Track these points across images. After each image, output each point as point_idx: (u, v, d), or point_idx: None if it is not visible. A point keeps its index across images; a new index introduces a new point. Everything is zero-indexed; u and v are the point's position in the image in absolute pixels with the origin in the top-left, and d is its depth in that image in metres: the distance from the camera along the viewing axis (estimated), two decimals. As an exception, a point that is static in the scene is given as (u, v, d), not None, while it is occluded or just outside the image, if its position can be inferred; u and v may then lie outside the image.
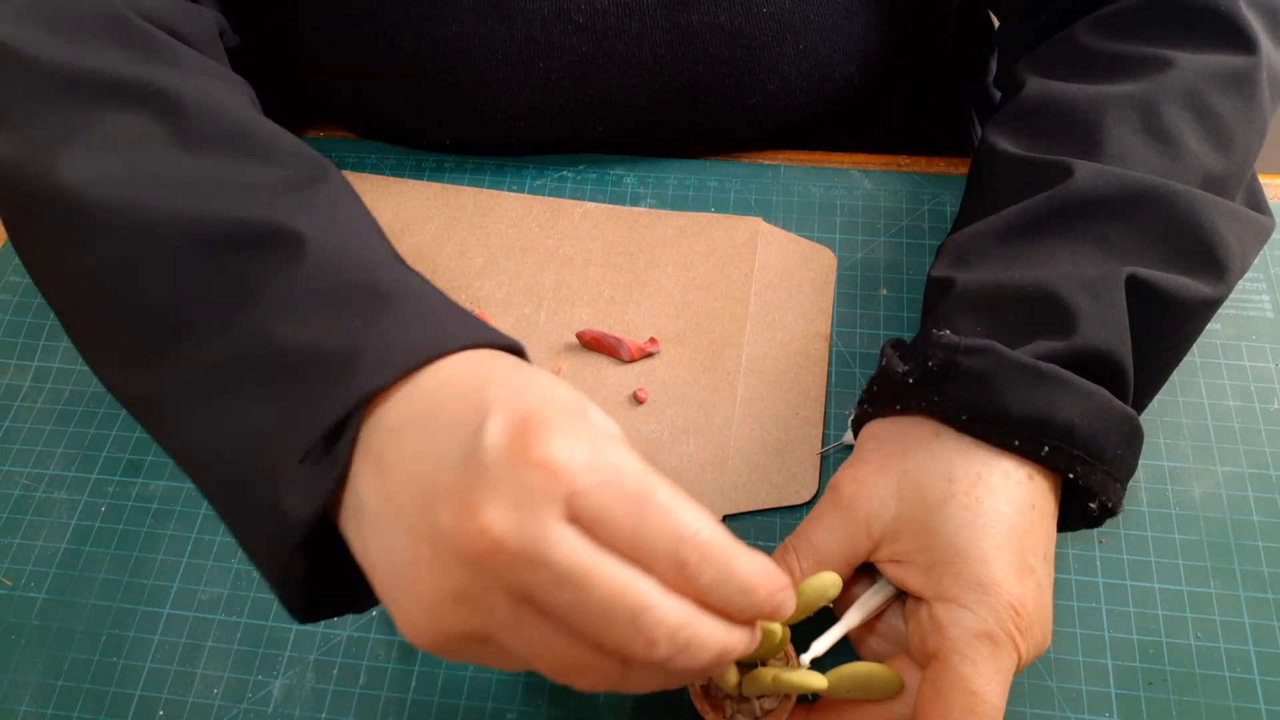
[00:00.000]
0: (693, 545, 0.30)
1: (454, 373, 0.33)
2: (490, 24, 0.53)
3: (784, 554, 0.40)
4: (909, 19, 0.60)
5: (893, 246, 0.56)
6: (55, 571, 0.47)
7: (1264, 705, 0.42)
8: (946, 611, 0.36)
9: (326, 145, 0.62)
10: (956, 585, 0.36)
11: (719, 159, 0.60)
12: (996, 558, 0.36)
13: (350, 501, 0.33)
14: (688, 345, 0.52)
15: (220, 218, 0.37)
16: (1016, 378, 0.37)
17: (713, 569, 0.30)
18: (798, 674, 0.36)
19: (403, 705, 0.43)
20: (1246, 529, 0.46)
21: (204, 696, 0.43)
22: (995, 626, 0.36)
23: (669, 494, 0.30)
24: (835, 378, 0.51)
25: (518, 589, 0.29)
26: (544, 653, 0.31)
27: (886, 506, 0.38)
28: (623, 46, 0.55)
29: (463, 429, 0.30)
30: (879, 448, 0.40)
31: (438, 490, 0.30)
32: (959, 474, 0.38)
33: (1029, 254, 0.42)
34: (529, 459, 0.29)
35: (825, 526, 0.39)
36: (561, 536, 0.29)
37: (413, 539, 0.31)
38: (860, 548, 0.39)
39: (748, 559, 0.31)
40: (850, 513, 0.39)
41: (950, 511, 0.37)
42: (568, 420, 0.30)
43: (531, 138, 0.59)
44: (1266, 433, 0.49)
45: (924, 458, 0.39)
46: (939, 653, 0.36)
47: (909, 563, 0.38)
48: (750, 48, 0.55)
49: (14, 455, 0.50)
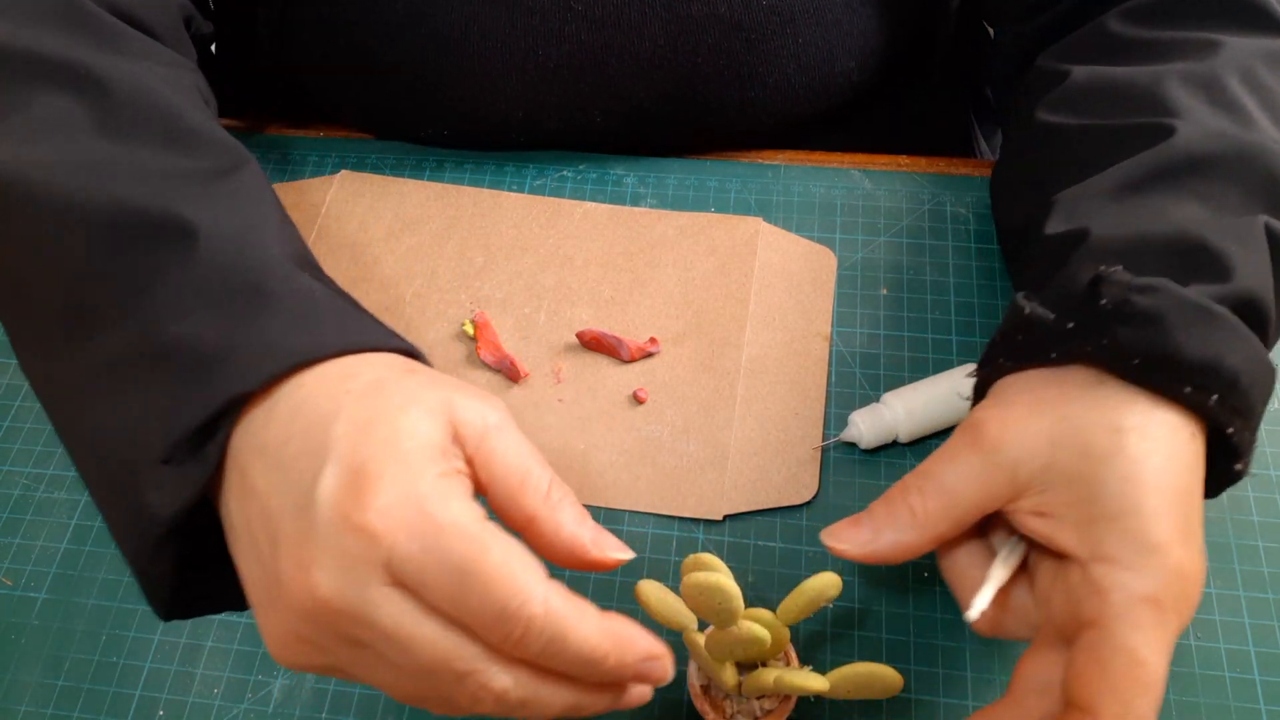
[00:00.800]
0: (516, 619, 0.30)
1: (313, 389, 0.33)
2: (489, 11, 0.53)
3: (904, 494, 0.36)
4: (909, 16, 0.60)
5: (893, 246, 0.56)
6: (55, 571, 0.47)
7: (1264, 705, 0.42)
8: (1108, 573, 0.33)
9: (327, 145, 0.62)
10: (1122, 544, 0.33)
11: (719, 159, 0.60)
12: (1166, 518, 0.33)
13: (223, 511, 0.33)
14: (688, 345, 0.52)
15: (126, 205, 0.37)
16: (1192, 318, 0.35)
17: (541, 641, 0.30)
18: (799, 675, 0.36)
19: (402, 705, 0.43)
20: (1246, 529, 0.46)
21: (204, 696, 0.43)
22: (1162, 591, 0.32)
23: (498, 559, 0.30)
24: (835, 378, 0.51)
25: (352, 638, 0.31)
26: (391, 686, 0.32)
27: (1039, 452, 0.35)
28: (622, 36, 0.55)
29: (305, 470, 0.31)
30: (1027, 391, 0.36)
31: (280, 535, 0.31)
32: (1129, 425, 0.34)
33: (1149, 208, 0.40)
34: (350, 522, 0.30)
35: (961, 466, 0.36)
36: (383, 600, 0.30)
37: (264, 572, 0.32)
38: (1000, 494, 0.35)
39: (588, 630, 0.31)
40: (994, 455, 0.35)
41: (1118, 465, 0.34)
42: (399, 474, 0.30)
43: (530, 129, 0.59)
44: (1266, 433, 0.49)
45: (1087, 405, 0.35)
46: (1100, 619, 0.33)
47: (1059, 517, 0.34)
48: (749, 39, 0.55)
49: (14, 455, 0.50)
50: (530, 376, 0.51)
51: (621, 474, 0.48)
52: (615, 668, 0.31)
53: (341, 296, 0.38)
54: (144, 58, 0.44)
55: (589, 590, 0.45)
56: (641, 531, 0.47)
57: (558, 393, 0.51)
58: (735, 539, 0.47)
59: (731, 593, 0.34)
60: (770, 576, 0.46)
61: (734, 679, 0.38)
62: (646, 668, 0.31)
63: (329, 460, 0.31)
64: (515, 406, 0.50)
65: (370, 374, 0.34)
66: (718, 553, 0.46)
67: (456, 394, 0.33)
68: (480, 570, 0.30)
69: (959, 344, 0.52)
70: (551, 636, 0.30)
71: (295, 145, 0.62)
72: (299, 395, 0.33)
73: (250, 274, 0.36)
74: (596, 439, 0.49)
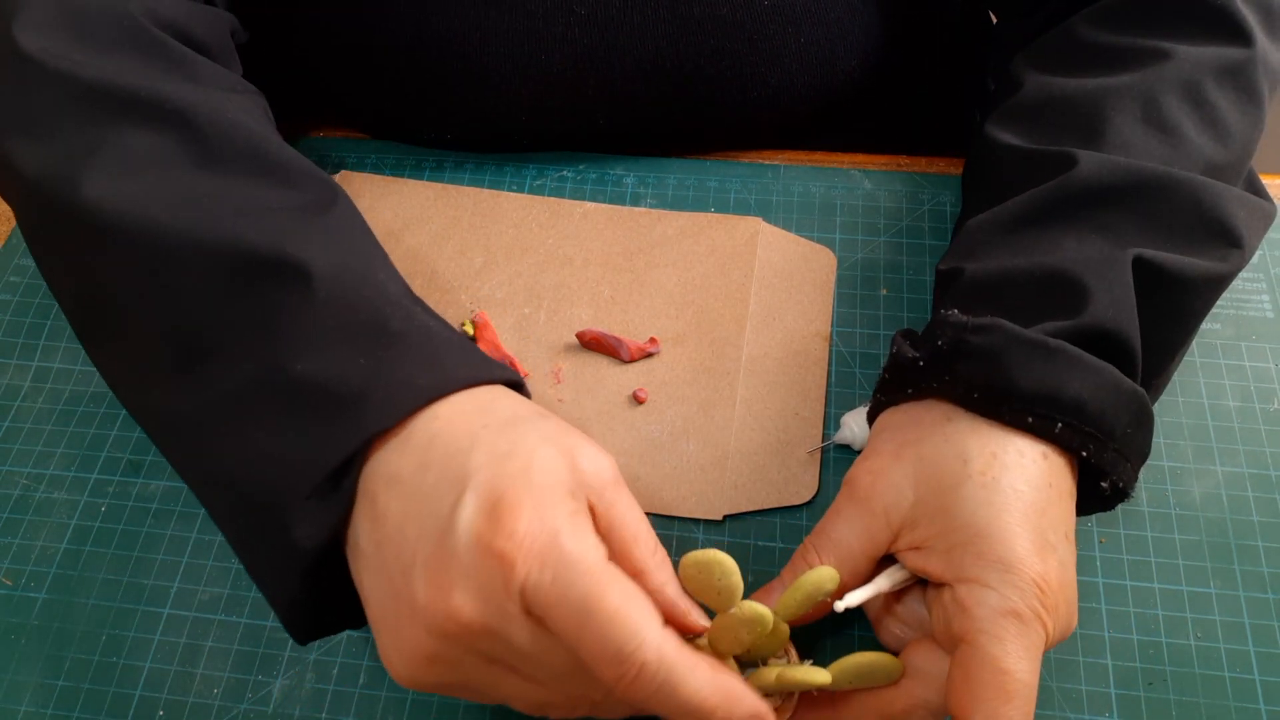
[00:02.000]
0: (631, 662, 0.31)
1: (450, 420, 0.35)
2: (492, 16, 0.53)
3: (804, 553, 0.40)
4: (911, 16, 0.60)
5: (893, 246, 0.56)
6: (55, 571, 0.47)
7: (1264, 705, 0.42)
8: (970, 592, 0.36)
9: (327, 145, 0.62)
10: (978, 565, 0.36)
11: (719, 159, 0.60)
12: (1017, 535, 0.36)
13: (350, 536, 0.35)
14: (688, 345, 0.52)
15: (236, 243, 0.37)
16: (1026, 354, 0.37)
17: (652, 686, 0.32)
18: (801, 671, 0.36)
19: (402, 705, 0.43)
20: (1246, 529, 0.46)
21: (204, 696, 0.43)
22: (1020, 604, 0.35)
23: (618, 600, 0.31)
24: (835, 378, 0.51)
25: (486, 654, 0.33)
26: (517, 697, 0.35)
27: (904, 495, 0.38)
28: (624, 38, 0.55)
29: (444, 498, 0.33)
30: (892, 437, 0.40)
31: (417, 558, 0.32)
32: (974, 454, 0.37)
33: (1035, 243, 0.42)
34: (491, 549, 0.31)
35: (844, 521, 0.39)
36: (521, 623, 0.32)
37: (395, 595, 0.33)
38: (880, 540, 0.39)
39: (699, 682, 0.32)
40: (868, 504, 0.38)
41: (967, 492, 0.37)
42: (535, 506, 0.32)
43: (533, 131, 0.59)
44: (1266, 433, 0.49)
45: (938, 441, 0.38)
46: (965, 634, 0.35)
47: (929, 549, 0.37)
48: (751, 39, 0.55)
49: (14, 455, 0.50)
50: (530, 376, 0.51)
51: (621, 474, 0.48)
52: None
53: (450, 329, 0.39)
54: (218, 85, 0.45)
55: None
56: (641, 531, 0.47)
57: (558, 393, 0.51)
58: (735, 539, 0.47)
59: (729, 567, 0.34)
60: (770, 577, 0.45)
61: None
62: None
63: (469, 489, 0.32)
64: (515, 406, 0.50)
65: (504, 410, 0.36)
66: (718, 553, 0.46)
67: (582, 441, 0.36)
68: (602, 608, 0.31)
69: (959, 344, 0.52)
70: (662, 683, 0.32)
71: (295, 145, 0.61)
72: (434, 427, 0.35)
73: (372, 312, 0.37)
74: (596, 439, 0.49)
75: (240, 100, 0.45)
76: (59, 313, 0.55)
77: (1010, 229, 0.43)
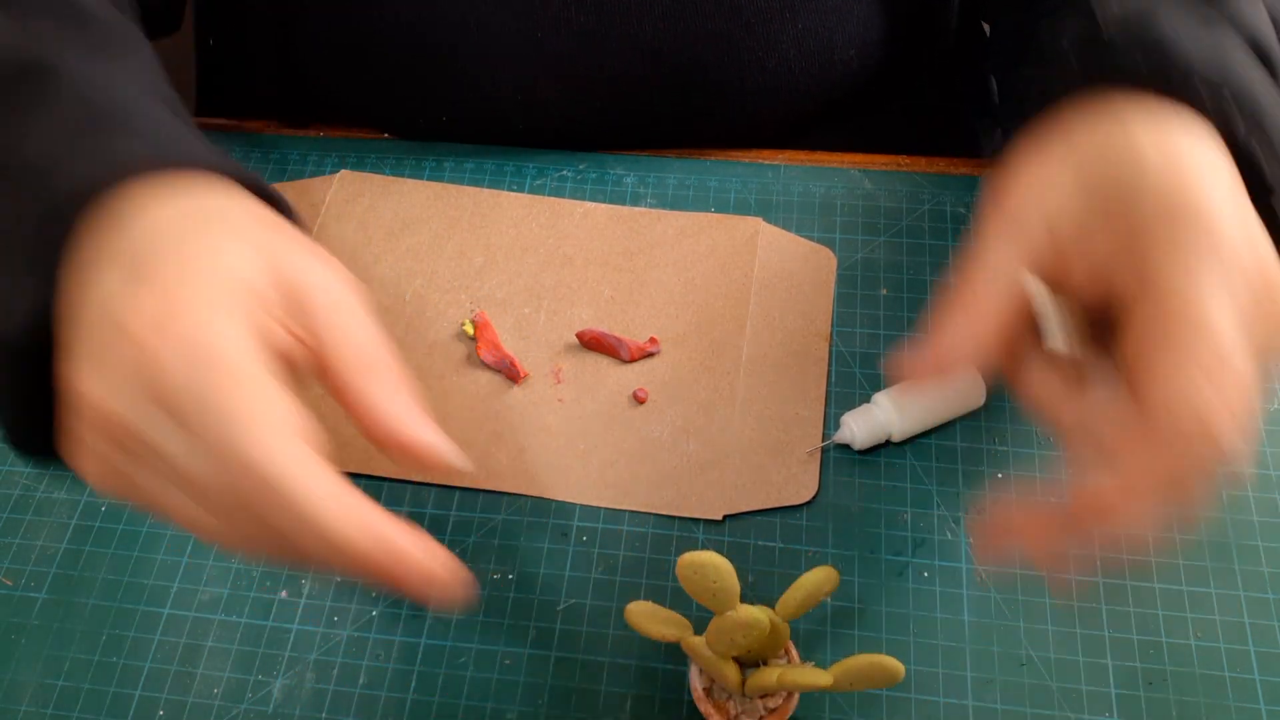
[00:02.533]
0: (240, 471, 0.28)
1: (155, 204, 0.32)
2: None
3: (956, 299, 0.33)
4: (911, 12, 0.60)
5: (893, 246, 0.56)
6: (55, 571, 0.47)
7: (1264, 705, 0.42)
8: (1165, 272, 0.28)
9: (326, 145, 0.62)
10: (1178, 246, 0.28)
11: (719, 159, 0.60)
12: (1225, 212, 0.29)
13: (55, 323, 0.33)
14: (688, 345, 0.52)
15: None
16: (1185, 17, 0.33)
17: (266, 500, 0.28)
18: (803, 672, 0.36)
19: (403, 705, 0.43)
20: (1246, 529, 0.46)
21: (204, 696, 0.43)
22: (1241, 289, 0.27)
23: (238, 402, 0.28)
24: (835, 378, 0.51)
25: (132, 452, 0.30)
26: (185, 518, 0.31)
27: (1069, 196, 0.31)
28: (622, 21, 0.55)
29: (108, 276, 0.30)
30: (1034, 147, 0.33)
31: (68, 341, 0.31)
32: (1149, 141, 0.31)
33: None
34: (124, 328, 0.29)
35: (997, 244, 0.32)
36: (152, 416, 0.29)
37: (63, 377, 0.31)
38: (1043, 258, 0.31)
39: (317, 495, 0.28)
40: (1021, 214, 0.31)
41: (1154, 181, 0.30)
42: (187, 291, 0.30)
43: (530, 114, 0.59)
44: (1266, 433, 0.49)
45: (1100, 137, 0.31)
46: (1154, 294, 0.28)
47: (1113, 264, 0.30)
48: (749, 24, 0.55)
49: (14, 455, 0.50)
50: (530, 376, 0.51)
51: (621, 474, 0.48)
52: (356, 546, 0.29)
53: (194, 133, 0.38)
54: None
55: (584, 615, 0.45)
56: (641, 531, 0.47)
57: (558, 393, 0.51)
58: (735, 539, 0.47)
59: (724, 570, 0.34)
60: (770, 576, 0.46)
61: (737, 678, 0.38)
62: (399, 558, 0.29)
63: (129, 265, 0.30)
64: (515, 406, 0.50)
65: (222, 204, 0.33)
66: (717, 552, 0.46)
67: (302, 256, 0.32)
68: (222, 406, 0.28)
69: (959, 344, 0.52)
70: (275, 494, 0.28)
71: (295, 145, 0.61)
72: (127, 209, 0.32)
73: (110, 105, 0.36)
74: (596, 439, 0.49)
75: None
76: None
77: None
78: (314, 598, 0.46)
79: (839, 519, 0.47)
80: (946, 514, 0.47)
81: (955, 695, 0.43)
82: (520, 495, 0.48)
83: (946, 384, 0.48)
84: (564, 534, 0.47)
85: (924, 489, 0.48)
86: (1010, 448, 0.49)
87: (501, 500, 0.48)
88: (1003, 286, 0.32)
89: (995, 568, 0.45)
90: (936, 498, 0.48)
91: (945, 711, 0.42)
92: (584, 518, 0.47)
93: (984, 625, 0.44)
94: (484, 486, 0.48)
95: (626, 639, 0.44)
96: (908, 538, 0.47)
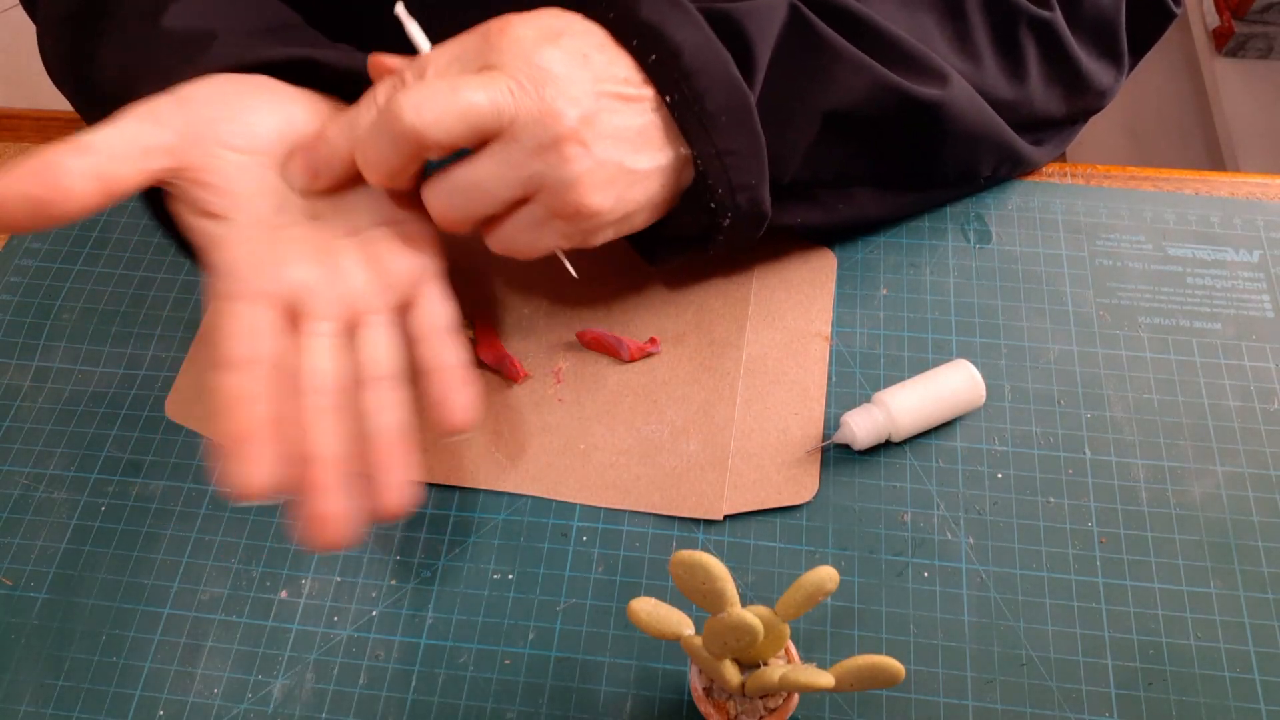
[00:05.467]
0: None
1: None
2: None
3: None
4: None
5: (893, 246, 0.56)
6: (55, 571, 0.47)
7: (1264, 705, 0.42)
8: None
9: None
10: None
11: (719, 159, 0.60)
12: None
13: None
14: (688, 345, 0.52)
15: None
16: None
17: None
18: (805, 672, 0.36)
19: (403, 705, 0.43)
20: (1246, 529, 0.46)
21: (204, 696, 0.43)
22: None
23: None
24: (835, 378, 0.51)
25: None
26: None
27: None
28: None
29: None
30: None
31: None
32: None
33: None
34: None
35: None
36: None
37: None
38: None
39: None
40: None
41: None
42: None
43: None
44: (1266, 433, 0.49)
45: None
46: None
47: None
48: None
49: (14, 455, 0.50)
50: (530, 376, 0.51)
51: (621, 474, 0.48)
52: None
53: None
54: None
55: (584, 615, 0.45)
56: (641, 531, 0.47)
57: (558, 393, 0.51)
58: (735, 539, 0.47)
59: (716, 572, 0.34)
60: (770, 576, 0.46)
61: (737, 678, 0.38)
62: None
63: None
64: (515, 406, 0.50)
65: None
66: (717, 553, 0.46)
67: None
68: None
69: (959, 344, 0.52)
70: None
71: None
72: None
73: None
74: (596, 439, 0.49)
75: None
76: (59, 312, 0.55)
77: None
78: (314, 598, 0.46)
79: (839, 519, 0.47)
80: (946, 514, 0.47)
81: (955, 695, 0.43)
82: (520, 495, 0.48)
83: (946, 384, 0.48)
84: (564, 534, 0.47)
85: (924, 489, 0.48)
86: (1010, 448, 0.49)
87: (501, 500, 0.48)
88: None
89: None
90: (936, 498, 0.48)
91: (945, 711, 0.42)
92: (584, 518, 0.48)
93: (984, 625, 0.44)
94: (484, 486, 0.48)
95: (626, 639, 0.44)
96: (908, 538, 0.47)
